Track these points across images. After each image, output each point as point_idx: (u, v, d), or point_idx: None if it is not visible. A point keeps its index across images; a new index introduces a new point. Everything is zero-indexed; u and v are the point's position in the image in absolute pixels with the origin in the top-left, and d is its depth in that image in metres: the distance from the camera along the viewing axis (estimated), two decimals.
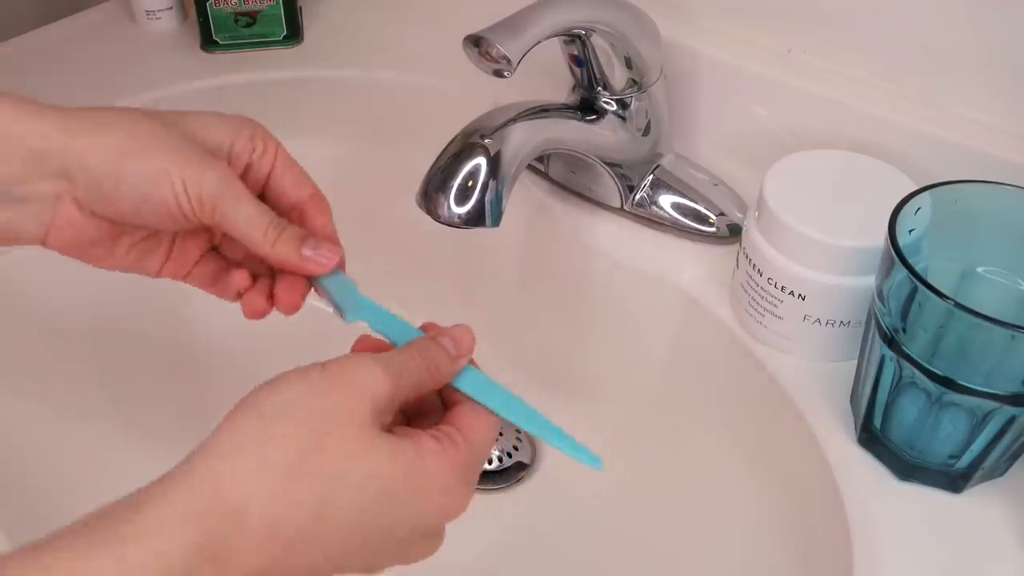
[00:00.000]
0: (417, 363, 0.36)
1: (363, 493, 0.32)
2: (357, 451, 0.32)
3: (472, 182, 0.49)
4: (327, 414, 0.32)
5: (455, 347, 0.37)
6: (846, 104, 0.55)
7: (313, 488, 0.31)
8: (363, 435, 0.32)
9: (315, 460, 0.31)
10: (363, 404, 0.33)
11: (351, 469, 0.32)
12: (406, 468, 0.33)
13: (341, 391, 0.33)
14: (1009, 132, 0.51)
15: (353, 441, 0.32)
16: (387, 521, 0.33)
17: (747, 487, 0.54)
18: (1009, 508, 0.44)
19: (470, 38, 0.47)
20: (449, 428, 0.35)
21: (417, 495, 0.33)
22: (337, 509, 0.32)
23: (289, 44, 0.74)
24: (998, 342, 0.38)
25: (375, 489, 0.32)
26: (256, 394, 0.33)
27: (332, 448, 0.32)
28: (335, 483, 0.32)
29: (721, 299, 0.54)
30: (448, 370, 0.37)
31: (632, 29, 0.52)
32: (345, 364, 0.34)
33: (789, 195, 0.48)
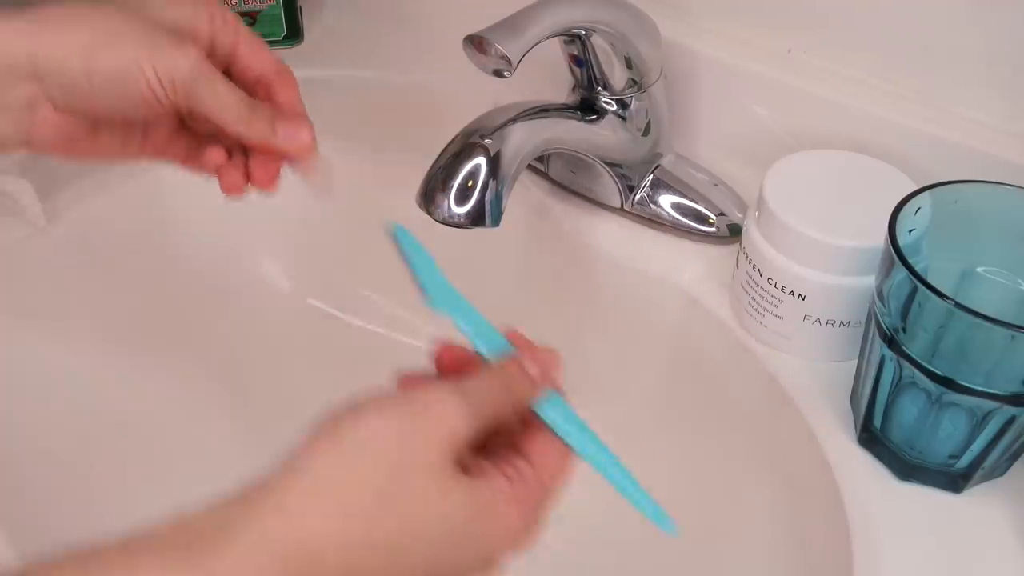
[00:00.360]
0: (500, 394, 0.35)
1: (435, 535, 0.32)
2: (433, 495, 0.32)
3: (472, 182, 0.49)
4: (406, 456, 0.32)
5: (541, 376, 0.36)
6: (846, 104, 0.55)
7: (388, 533, 0.31)
8: (440, 478, 0.32)
9: (392, 503, 0.31)
10: (442, 445, 0.32)
11: (426, 513, 0.32)
12: (478, 510, 0.33)
13: (422, 430, 0.32)
14: (1009, 132, 0.51)
15: (430, 484, 0.32)
16: (452, 558, 0.33)
17: (747, 487, 0.54)
18: (1009, 508, 0.44)
19: (470, 38, 0.47)
20: (522, 464, 0.35)
21: (485, 536, 0.33)
22: (409, 553, 0.32)
23: (289, 44, 0.74)
24: (998, 342, 0.38)
25: (446, 531, 0.32)
26: (336, 425, 0.32)
27: (409, 491, 0.31)
28: (410, 527, 0.31)
29: (721, 299, 0.54)
30: (531, 400, 0.36)
31: (632, 29, 0.52)
32: (427, 399, 0.33)
33: (789, 195, 0.48)
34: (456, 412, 0.33)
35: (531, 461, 0.35)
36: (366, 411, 0.32)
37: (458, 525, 0.32)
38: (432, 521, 0.32)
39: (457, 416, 0.33)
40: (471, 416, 0.33)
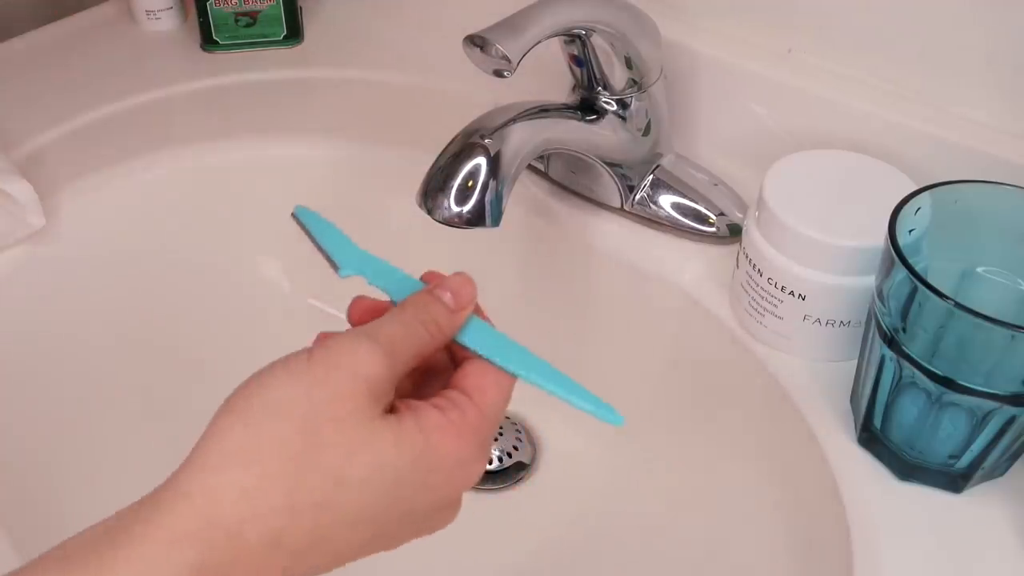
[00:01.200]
0: (414, 326, 0.33)
1: (370, 487, 0.31)
2: (356, 445, 0.30)
3: (472, 182, 0.49)
4: (319, 409, 0.30)
5: (454, 300, 0.34)
6: (846, 104, 0.55)
7: (313, 494, 0.30)
8: (361, 426, 0.31)
9: (312, 462, 0.30)
10: (357, 391, 0.31)
11: (353, 465, 0.30)
12: (412, 451, 0.31)
13: (331, 381, 0.31)
14: (1009, 132, 0.51)
15: (351, 434, 0.30)
16: (400, 508, 0.32)
17: (747, 487, 0.54)
18: (1009, 508, 0.44)
19: (470, 38, 0.47)
20: (454, 393, 0.33)
21: (428, 475, 0.32)
22: (343, 509, 0.30)
23: (289, 44, 0.74)
24: (998, 342, 0.38)
25: (383, 480, 0.31)
26: (241, 395, 0.31)
27: (329, 446, 0.30)
28: (337, 484, 0.30)
29: (721, 299, 0.54)
30: (449, 326, 0.34)
31: (632, 29, 0.52)
32: (333, 348, 0.31)
33: (789, 195, 0.48)
34: (366, 356, 0.31)
35: (463, 389, 0.33)
36: (272, 374, 0.31)
37: (395, 473, 0.31)
38: (363, 471, 0.30)
39: (368, 360, 0.31)
40: (383, 356, 0.31)
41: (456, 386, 0.34)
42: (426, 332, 0.33)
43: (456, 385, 0.34)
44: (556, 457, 0.62)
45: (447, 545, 0.59)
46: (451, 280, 0.36)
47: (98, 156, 0.63)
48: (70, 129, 0.65)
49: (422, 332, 0.33)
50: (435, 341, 0.34)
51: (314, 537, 0.30)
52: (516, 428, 0.63)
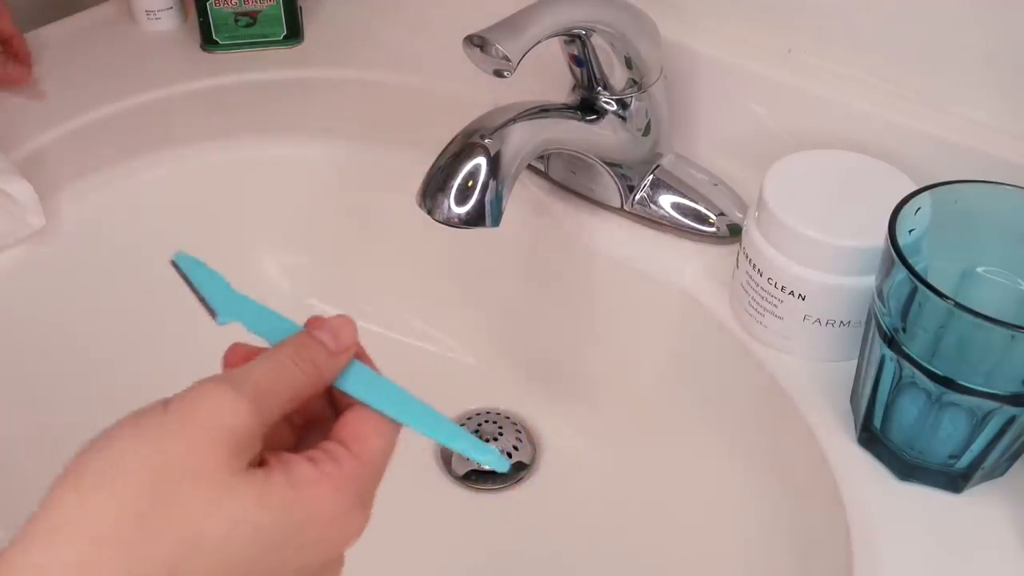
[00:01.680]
0: (288, 368, 0.31)
1: (228, 547, 0.28)
2: (214, 502, 0.27)
3: (472, 182, 0.49)
4: (172, 465, 0.27)
5: (334, 341, 0.32)
6: (846, 104, 0.55)
7: (164, 556, 0.27)
8: (219, 481, 0.27)
9: (161, 523, 0.27)
10: (217, 444, 0.28)
11: (210, 524, 0.27)
12: (280, 507, 0.28)
13: (187, 434, 0.28)
14: (1009, 132, 0.51)
15: (209, 491, 0.27)
16: (267, 569, 0.29)
17: (747, 487, 0.54)
18: (1009, 508, 0.44)
19: (470, 38, 0.47)
20: (331, 444, 0.31)
21: (299, 534, 0.29)
22: (199, 571, 0.27)
23: (289, 44, 0.74)
24: (998, 342, 0.38)
25: (245, 539, 0.28)
26: (78, 459, 0.28)
27: (182, 504, 0.27)
28: (191, 544, 0.27)
29: (721, 299, 0.54)
30: (328, 368, 0.32)
31: (632, 29, 0.52)
32: (191, 398, 0.29)
33: (789, 195, 0.48)
34: (229, 405, 0.28)
35: (341, 439, 0.31)
36: (117, 431, 0.28)
37: (258, 531, 0.28)
38: (222, 530, 0.27)
39: (231, 409, 0.28)
40: (248, 404, 0.29)
41: (334, 437, 0.31)
42: (302, 374, 0.31)
43: (335, 436, 0.31)
44: (556, 457, 0.62)
45: (447, 545, 0.59)
46: (331, 320, 0.33)
47: (98, 156, 0.63)
48: (70, 129, 0.65)
49: (297, 374, 0.31)
50: (312, 384, 0.31)
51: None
52: (516, 428, 0.63)
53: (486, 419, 0.63)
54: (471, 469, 0.61)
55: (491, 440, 0.61)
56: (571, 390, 0.64)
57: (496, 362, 0.66)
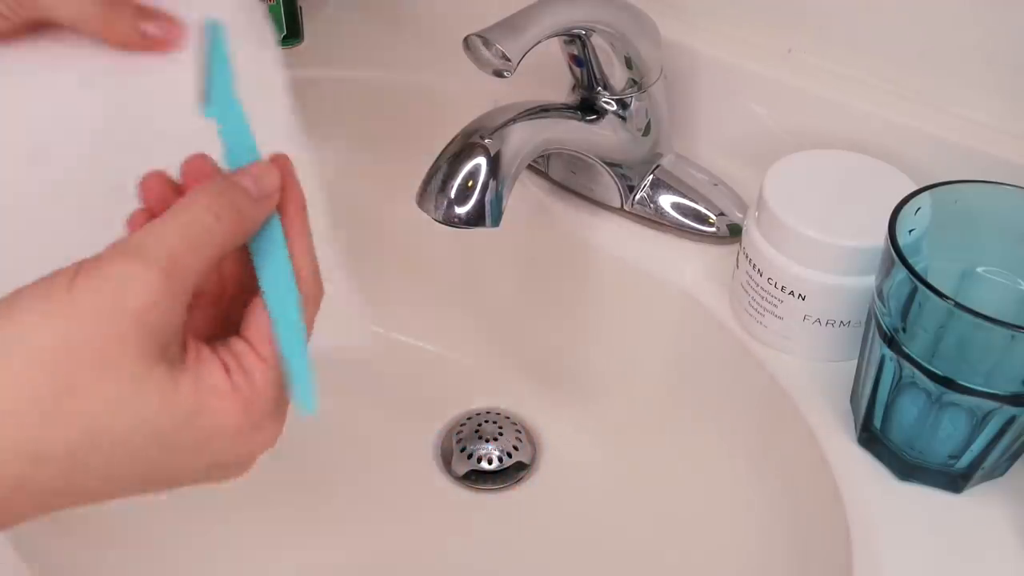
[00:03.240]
0: (206, 222, 0.28)
1: (130, 445, 0.27)
2: (117, 398, 0.26)
3: (472, 182, 0.49)
4: (73, 352, 0.26)
5: (255, 186, 0.29)
6: (846, 104, 0.55)
7: (61, 444, 0.26)
8: (123, 378, 0.26)
9: (62, 411, 0.26)
10: (124, 332, 0.26)
11: (111, 419, 0.26)
12: (183, 415, 0.27)
13: (91, 319, 0.26)
14: (1009, 132, 0.51)
15: (111, 387, 0.26)
16: (167, 468, 0.28)
17: (747, 487, 0.54)
18: (1009, 508, 0.44)
19: (470, 38, 0.47)
20: (241, 346, 0.29)
21: (203, 442, 0.28)
22: (94, 465, 0.27)
23: (289, 44, 0.74)
24: (998, 342, 0.38)
25: (145, 439, 0.27)
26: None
27: (85, 395, 0.26)
28: (91, 436, 0.26)
29: (721, 299, 0.54)
30: (251, 217, 0.29)
31: (632, 29, 0.52)
32: (98, 276, 0.27)
33: (789, 195, 0.48)
34: (137, 284, 0.27)
35: (250, 338, 0.29)
36: (24, 303, 0.27)
37: (160, 435, 0.27)
38: (123, 427, 0.27)
39: (139, 288, 0.26)
40: (159, 278, 0.27)
41: (244, 333, 0.29)
42: (219, 224, 0.28)
43: (244, 332, 0.29)
44: (556, 457, 0.62)
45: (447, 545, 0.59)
46: (253, 165, 0.30)
47: None
48: None
49: (215, 225, 0.28)
50: (232, 235, 0.29)
51: (62, 486, 0.27)
52: (516, 428, 0.63)
53: (486, 419, 0.63)
54: (471, 469, 0.61)
55: (491, 440, 0.61)
56: (571, 390, 0.64)
57: (496, 362, 0.66)
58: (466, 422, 0.63)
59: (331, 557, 0.57)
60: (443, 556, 0.58)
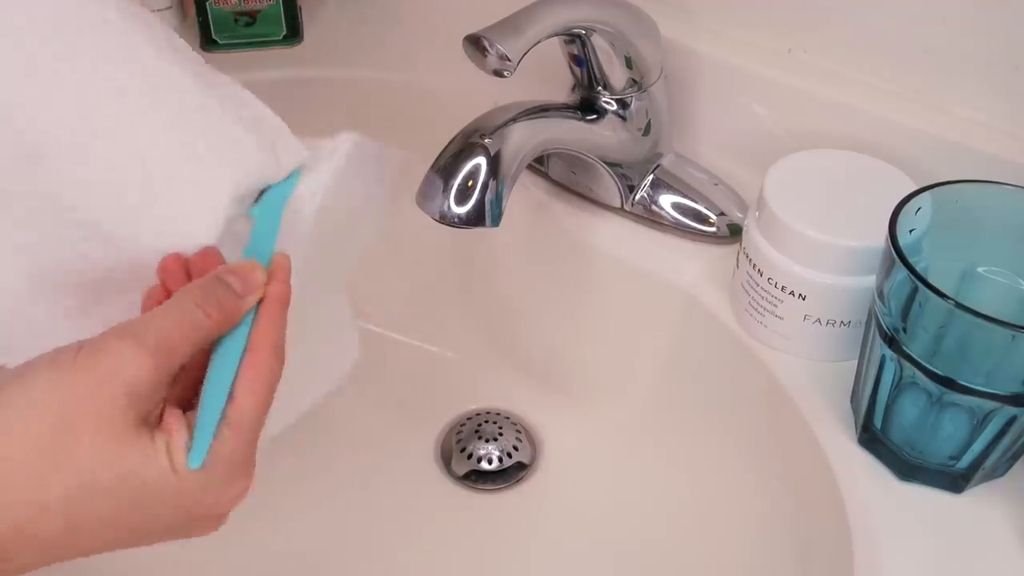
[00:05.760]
0: (192, 313, 0.32)
1: (115, 497, 0.30)
2: (110, 449, 0.30)
3: (472, 182, 0.49)
4: (76, 408, 0.30)
5: (241, 283, 0.33)
6: (846, 104, 0.54)
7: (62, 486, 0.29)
8: (113, 434, 0.30)
9: (63, 454, 0.29)
10: (115, 396, 0.30)
11: (104, 470, 0.30)
12: (160, 469, 0.31)
13: (90, 381, 0.30)
14: (1009, 132, 0.51)
15: (105, 440, 0.30)
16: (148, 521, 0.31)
17: (747, 487, 0.54)
18: (1009, 508, 0.44)
19: (470, 38, 0.47)
20: None
21: (178, 498, 0.31)
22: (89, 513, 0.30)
23: (289, 44, 0.74)
24: (998, 342, 0.38)
25: (129, 494, 0.30)
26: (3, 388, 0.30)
27: (83, 443, 0.30)
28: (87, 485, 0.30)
29: (721, 299, 0.54)
30: (235, 310, 0.33)
31: (632, 29, 0.52)
32: (98, 349, 0.31)
33: (789, 195, 0.48)
34: (130, 360, 0.30)
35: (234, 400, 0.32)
36: (36, 366, 0.31)
37: (141, 490, 0.30)
38: (110, 480, 0.30)
39: (130, 358, 0.30)
40: (148, 358, 0.31)
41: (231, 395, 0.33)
42: (207, 318, 0.32)
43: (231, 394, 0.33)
44: (556, 457, 0.62)
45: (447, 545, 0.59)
46: (239, 264, 0.34)
47: None
48: None
49: (202, 318, 0.32)
50: (217, 327, 0.33)
51: (60, 535, 0.30)
52: (516, 428, 0.63)
53: (486, 419, 0.63)
54: (471, 469, 0.61)
55: (491, 440, 0.61)
56: (571, 390, 0.64)
57: (496, 362, 0.66)
58: (466, 422, 0.63)
59: (331, 556, 0.57)
60: (443, 556, 0.58)
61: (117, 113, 0.35)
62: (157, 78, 0.36)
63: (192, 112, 0.37)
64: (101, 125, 0.35)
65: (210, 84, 0.38)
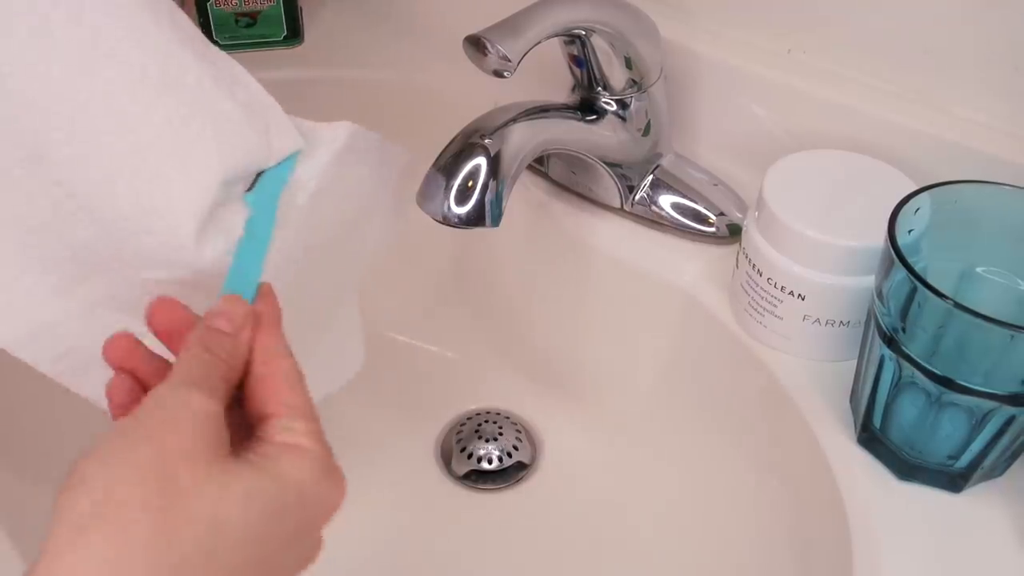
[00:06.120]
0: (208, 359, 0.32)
1: (250, 522, 0.29)
2: (219, 482, 0.28)
3: (472, 182, 0.49)
4: (169, 452, 0.28)
5: (230, 323, 0.33)
6: (846, 105, 0.55)
7: (191, 544, 0.27)
8: (215, 463, 0.29)
9: (180, 512, 0.27)
10: (198, 429, 0.29)
11: (224, 504, 0.28)
12: (274, 477, 0.30)
13: (168, 427, 0.29)
14: (1009, 132, 0.51)
15: (210, 473, 0.28)
16: (282, 535, 0.30)
17: (746, 487, 0.54)
18: (1008, 507, 0.44)
19: (470, 38, 0.47)
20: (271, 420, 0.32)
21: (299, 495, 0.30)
22: (226, 549, 0.28)
23: (289, 44, 0.74)
24: (997, 342, 0.38)
25: (260, 510, 0.29)
26: (75, 473, 0.28)
27: (192, 489, 0.28)
28: (214, 527, 0.28)
29: (721, 299, 0.54)
30: (237, 349, 0.33)
31: (632, 29, 0.52)
32: (152, 402, 0.30)
33: (789, 195, 0.48)
34: (196, 396, 0.30)
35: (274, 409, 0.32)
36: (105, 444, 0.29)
37: (266, 494, 0.29)
38: (238, 507, 0.28)
39: (198, 399, 0.30)
40: (208, 393, 0.30)
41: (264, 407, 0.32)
42: (223, 362, 0.32)
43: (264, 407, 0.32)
44: (556, 457, 0.62)
45: (447, 545, 0.59)
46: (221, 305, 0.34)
47: None
48: None
49: (217, 362, 0.32)
50: (235, 368, 0.33)
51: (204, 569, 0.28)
52: (516, 428, 0.63)
53: (486, 419, 0.63)
54: (471, 469, 0.61)
55: (491, 440, 0.62)
56: (571, 390, 0.64)
57: (496, 362, 0.66)
58: (466, 422, 0.63)
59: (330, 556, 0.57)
60: (443, 556, 0.58)
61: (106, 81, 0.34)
62: (153, 50, 0.35)
63: (186, 88, 0.36)
64: (88, 94, 0.34)
65: (208, 61, 0.37)
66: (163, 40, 0.35)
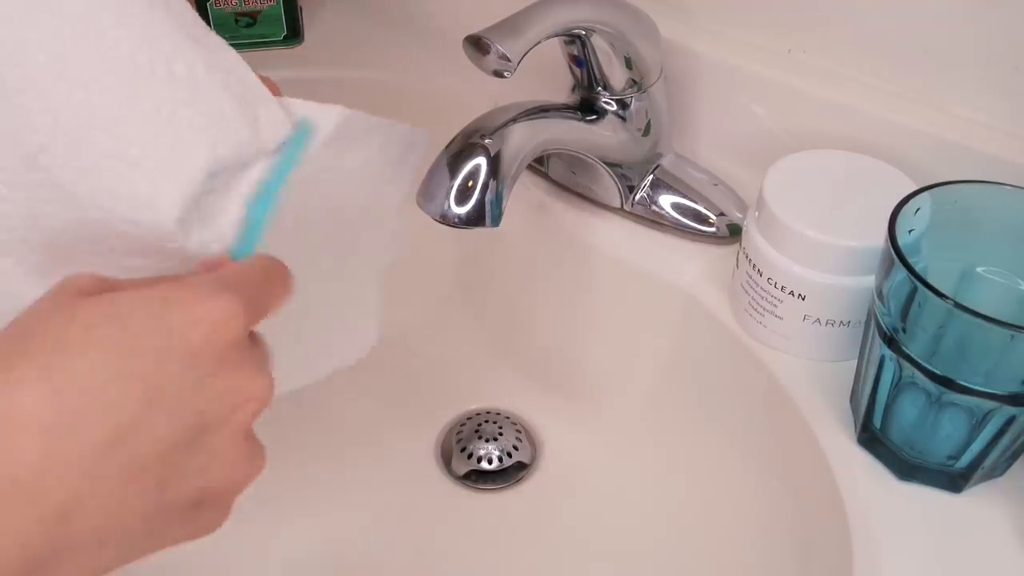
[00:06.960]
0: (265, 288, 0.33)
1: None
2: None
3: (472, 182, 0.49)
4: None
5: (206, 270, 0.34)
6: (846, 104, 0.55)
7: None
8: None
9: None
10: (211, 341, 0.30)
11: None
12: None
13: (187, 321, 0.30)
14: (1009, 132, 0.51)
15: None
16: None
17: (747, 487, 0.54)
18: (1009, 508, 0.44)
19: (470, 38, 0.47)
20: None
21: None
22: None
23: (289, 44, 0.74)
24: (997, 342, 0.38)
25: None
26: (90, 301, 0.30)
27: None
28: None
29: (721, 299, 0.54)
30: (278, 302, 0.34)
31: (632, 29, 0.52)
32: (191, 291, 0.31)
33: (789, 195, 0.48)
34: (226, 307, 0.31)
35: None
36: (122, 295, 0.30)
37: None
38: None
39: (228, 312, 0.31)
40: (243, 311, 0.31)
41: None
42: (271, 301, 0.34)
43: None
44: (556, 457, 0.62)
45: (447, 545, 0.59)
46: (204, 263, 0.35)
47: None
48: None
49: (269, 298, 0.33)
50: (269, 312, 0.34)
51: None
52: (516, 428, 0.63)
53: (486, 419, 0.63)
54: (471, 469, 0.61)
55: (491, 440, 0.62)
56: (571, 390, 0.64)
57: (496, 362, 0.66)
58: (466, 422, 0.63)
59: (331, 556, 0.57)
60: (443, 556, 0.58)
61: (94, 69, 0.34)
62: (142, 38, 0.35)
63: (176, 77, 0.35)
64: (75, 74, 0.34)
65: (202, 46, 0.37)
66: (155, 27, 0.35)
